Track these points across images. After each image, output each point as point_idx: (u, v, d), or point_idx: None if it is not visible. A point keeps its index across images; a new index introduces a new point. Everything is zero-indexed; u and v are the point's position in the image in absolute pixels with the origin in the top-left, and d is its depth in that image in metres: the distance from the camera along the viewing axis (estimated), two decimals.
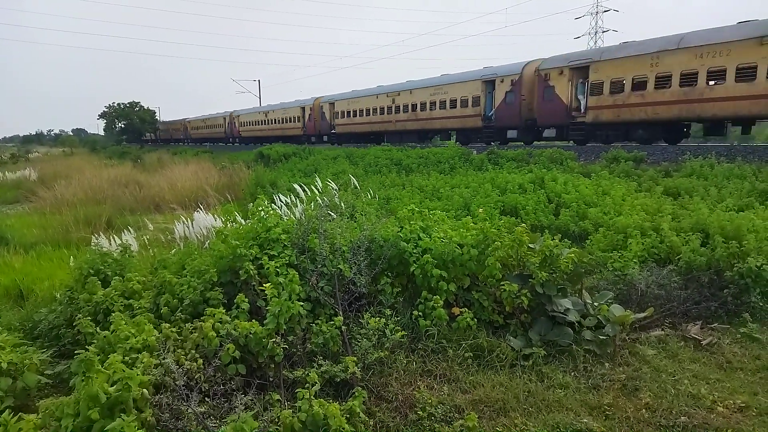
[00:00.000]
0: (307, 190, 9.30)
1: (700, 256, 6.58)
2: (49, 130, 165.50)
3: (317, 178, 10.27)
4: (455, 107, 29.75)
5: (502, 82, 26.87)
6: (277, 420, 3.55)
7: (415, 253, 5.57)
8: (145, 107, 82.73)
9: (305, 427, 3.37)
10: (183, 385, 3.71)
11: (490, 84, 27.69)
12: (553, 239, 5.79)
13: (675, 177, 13.26)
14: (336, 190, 8.37)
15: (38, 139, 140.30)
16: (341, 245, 5.63)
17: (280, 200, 9.08)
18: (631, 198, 10.69)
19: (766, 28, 17.05)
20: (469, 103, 28.82)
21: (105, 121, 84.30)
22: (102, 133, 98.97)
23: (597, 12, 70.43)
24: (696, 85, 18.59)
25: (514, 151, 19.69)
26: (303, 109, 45.06)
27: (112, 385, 3.31)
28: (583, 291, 5.79)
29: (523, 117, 25.88)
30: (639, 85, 20.46)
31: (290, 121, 47.93)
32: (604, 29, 76.14)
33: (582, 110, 23.11)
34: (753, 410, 4.14)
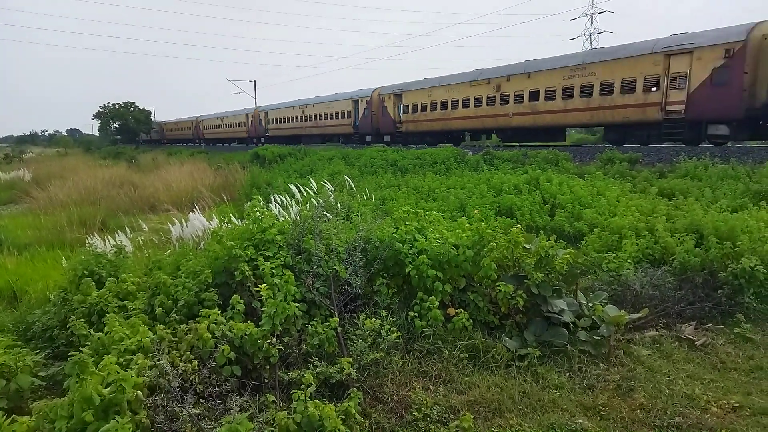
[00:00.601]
0: (303, 190, 9.28)
1: (695, 257, 6.61)
2: (44, 131, 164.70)
3: (311, 180, 10.25)
4: (338, 118, 41.63)
5: (361, 101, 38.60)
6: (272, 421, 3.55)
7: (410, 254, 5.57)
8: (141, 108, 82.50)
9: (300, 429, 3.37)
10: (178, 387, 3.70)
11: (355, 102, 39.48)
12: (549, 240, 5.80)
13: (669, 178, 13.30)
14: (331, 190, 8.36)
15: (32, 139, 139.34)
16: (337, 246, 5.62)
17: (276, 201, 9.07)
18: (626, 199, 10.72)
19: (473, 77, 28.63)
20: (345, 115, 40.61)
21: (99, 121, 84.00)
22: (96, 133, 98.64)
23: (592, 13, 70.73)
24: (447, 109, 30.37)
25: (510, 152, 19.72)
26: (247, 116, 57.10)
27: (106, 387, 3.30)
28: (578, 292, 5.81)
29: (374, 126, 37.53)
30: (424, 108, 32.28)
31: (238, 126, 60.24)
32: (599, 30, 76.31)
33: (401, 123, 34.75)
34: (747, 410, 4.16)
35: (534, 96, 24.61)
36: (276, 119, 52.58)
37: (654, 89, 19.62)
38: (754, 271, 6.09)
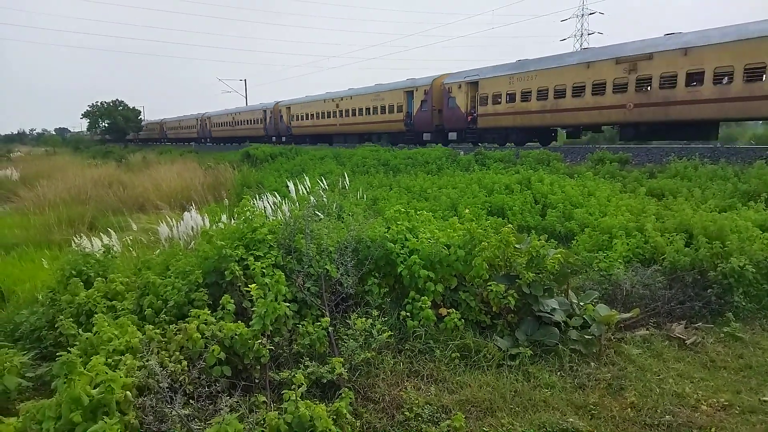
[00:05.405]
0: (299, 186, 9.18)
1: (684, 257, 6.65)
2: (32, 130, 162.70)
3: (294, 182, 10.16)
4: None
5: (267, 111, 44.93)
6: (262, 422, 3.52)
7: (402, 253, 5.56)
8: (130, 106, 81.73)
9: (291, 429, 3.34)
10: (167, 387, 3.66)
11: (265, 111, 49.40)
12: (540, 240, 5.81)
13: (659, 178, 13.37)
14: (324, 189, 8.33)
15: (20, 138, 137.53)
16: (328, 246, 5.60)
17: (267, 201, 9.01)
18: (616, 199, 10.77)
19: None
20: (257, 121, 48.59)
21: (88, 120, 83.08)
22: (85, 132, 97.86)
23: (582, 14, 70.93)
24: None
25: (501, 152, 19.75)
26: (158, 123, 76.69)
27: (94, 388, 3.26)
28: (569, 291, 5.82)
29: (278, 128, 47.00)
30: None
31: (153, 130, 79.82)
32: (590, 31, 76.62)
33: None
34: (736, 409, 4.18)
35: None
36: (172, 127, 76.57)
37: (400, 110, 33.14)
38: (743, 271, 6.14)
